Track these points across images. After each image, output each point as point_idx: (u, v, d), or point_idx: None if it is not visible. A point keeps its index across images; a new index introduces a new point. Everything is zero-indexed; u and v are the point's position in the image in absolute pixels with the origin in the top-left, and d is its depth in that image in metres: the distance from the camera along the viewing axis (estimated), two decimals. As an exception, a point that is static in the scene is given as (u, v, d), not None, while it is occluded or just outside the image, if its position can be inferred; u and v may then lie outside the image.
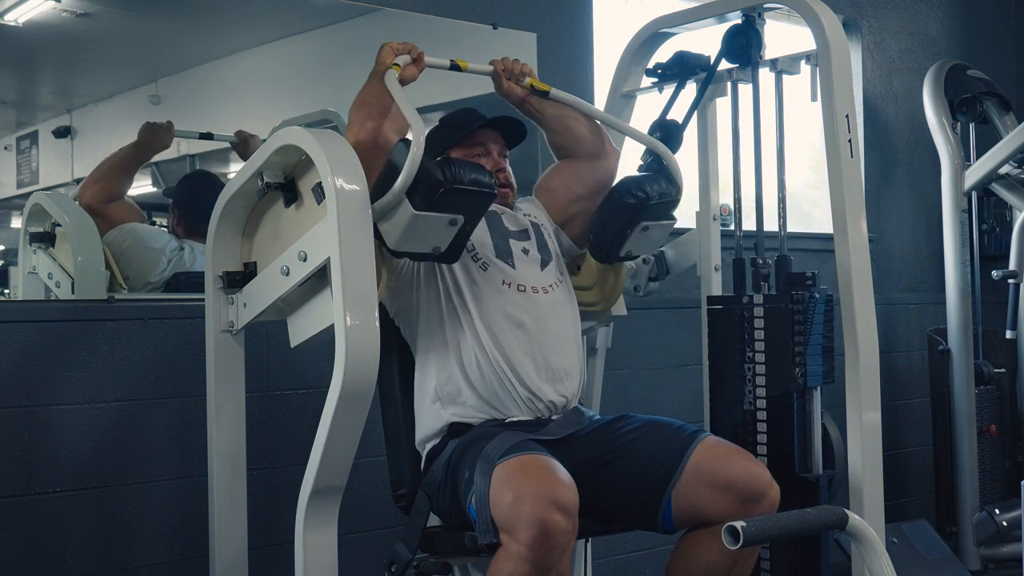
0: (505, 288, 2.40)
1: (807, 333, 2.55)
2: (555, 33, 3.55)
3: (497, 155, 2.54)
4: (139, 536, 2.72)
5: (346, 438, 2.08)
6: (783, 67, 2.74)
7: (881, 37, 4.63)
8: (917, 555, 3.89)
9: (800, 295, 2.57)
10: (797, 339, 2.55)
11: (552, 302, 2.45)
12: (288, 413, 2.94)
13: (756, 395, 2.59)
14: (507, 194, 2.55)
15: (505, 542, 2.06)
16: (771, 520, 1.77)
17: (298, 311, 2.29)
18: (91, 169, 2.85)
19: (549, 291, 2.45)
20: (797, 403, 2.57)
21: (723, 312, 2.70)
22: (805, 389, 2.57)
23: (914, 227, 4.69)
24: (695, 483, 2.27)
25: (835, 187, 2.55)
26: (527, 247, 2.48)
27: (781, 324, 2.57)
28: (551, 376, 2.39)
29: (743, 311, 2.65)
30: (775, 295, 2.64)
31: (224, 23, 3.08)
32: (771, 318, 2.59)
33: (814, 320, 2.55)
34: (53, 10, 2.73)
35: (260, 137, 3.03)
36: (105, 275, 2.76)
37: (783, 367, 2.56)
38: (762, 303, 2.62)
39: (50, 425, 2.60)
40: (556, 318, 2.44)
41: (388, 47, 2.30)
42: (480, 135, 2.52)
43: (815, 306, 2.56)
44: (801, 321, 2.55)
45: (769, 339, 2.59)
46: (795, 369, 2.55)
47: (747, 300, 2.66)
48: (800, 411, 2.56)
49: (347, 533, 2.30)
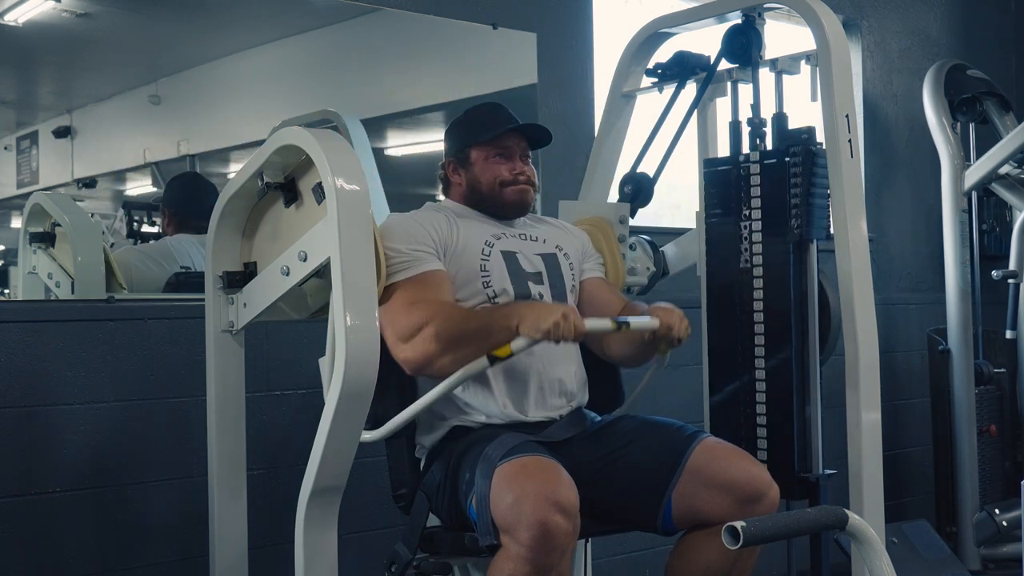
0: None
1: (807, 186, 2.53)
2: (555, 33, 3.55)
3: (519, 159, 2.50)
4: (139, 536, 2.72)
5: (346, 438, 2.08)
6: (783, 67, 2.74)
7: (881, 37, 4.63)
8: (917, 555, 3.89)
9: (797, 148, 2.56)
10: (793, 191, 2.54)
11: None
12: (288, 413, 2.94)
13: (752, 252, 2.59)
14: (526, 191, 2.50)
15: (505, 543, 2.06)
16: (771, 520, 1.77)
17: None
18: (91, 169, 2.85)
19: None
20: (794, 257, 2.55)
21: (720, 173, 2.70)
22: (802, 241, 2.56)
23: (914, 227, 4.69)
24: (695, 484, 2.27)
25: (835, 187, 2.56)
26: (542, 292, 2.44)
27: (777, 178, 2.57)
28: (553, 402, 2.40)
29: (740, 170, 2.65)
30: (771, 151, 2.64)
31: (224, 23, 3.08)
32: (768, 173, 2.59)
33: (816, 174, 2.54)
34: (53, 10, 2.73)
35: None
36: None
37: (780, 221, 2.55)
38: (759, 160, 2.62)
39: (50, 425, 2.60)
40: (563, 347, 2.41)
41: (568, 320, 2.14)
42: (504, 139, 2.48)
43: (812, 159, 2.54)
44: (798, 175, 2.54)
45: (765, 195, 2.59)
46: (792, 221, 2.53)
47: (744, 158, 2.66)
48: (797, 268, 2.55)
49: (347, 533, 2.30)
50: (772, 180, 2.59)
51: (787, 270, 2.56)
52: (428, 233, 2.38)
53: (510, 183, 2.47)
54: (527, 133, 2.52)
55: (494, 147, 2.48)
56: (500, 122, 2.48)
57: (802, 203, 2.53)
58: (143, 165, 3.04)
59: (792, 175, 2.55)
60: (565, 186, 3.35)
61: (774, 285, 2.58)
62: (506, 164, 2.48)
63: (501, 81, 3.49)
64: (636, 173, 2.89)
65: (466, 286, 2.38)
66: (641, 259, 2.92)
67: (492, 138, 2.47)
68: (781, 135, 2.68)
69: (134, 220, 2.99)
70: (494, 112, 2.53)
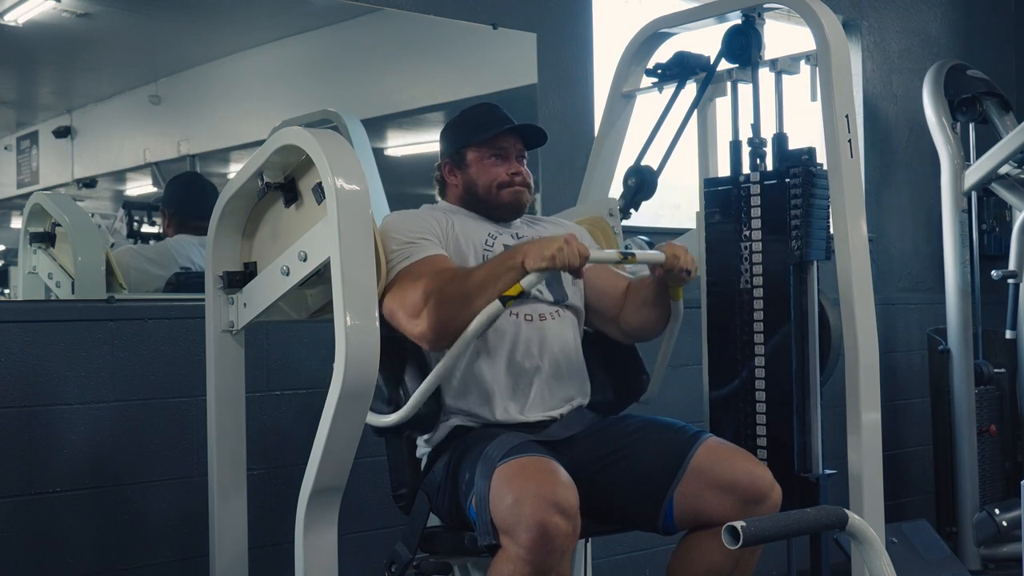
0: (513, 318, 2.38)
1: (807, 207, 2.53)
2: (555, 33, 3.55)
3: (515, 160, 2.50)
4: (139, 536, 2.72)
5: (346, 438, 2.08)
6: (783, 67, 2.74)
7: (881, 37, 4.63)
8: (917, 555, 3.89)
9: (798, 170, 2.56)
10: (794, 212, 2.54)
11: (559, 324, 2.44)
12: (288, 413, 2.94)
13: (753, 272, 2.58)
14: (522, 192, 2.50)
15: (505, 544, 2.05)
16: (771, 520, 1.76)
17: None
18: (91, 169, 2.85)
19: (556, 316, 2.45)
20: (794, 278, 2.55)
21: (720, 193, 2.69)
22: (802, 263, 2.56)
23: (914, 227, 4.69)
24: (697, 484, 2.27)
25: (835, 187, 2.55)
26: (541, 288, 2.42)
27: (778, 199, 2.56)
28: (553, 403, 2.40)
29: (740, 190, 2.64)
30: (772, 171, 2.63)
31: (224, 23, 3.08)
32: (768, 194, 2.58)
33: (815, 195, 2.54)
34: (53, 10, 2.73)
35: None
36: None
37: (781, 242, 2.55)
38: (759, 180, 2.62)
39: (50, 425, 2.60)
40: (560, 332, 2.43)
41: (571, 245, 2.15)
42: (500, 140, 2.48)
43: (814, 180, 2.54)
44: (799, 195, 2.54)
45: (766, 216, 2.58)
46: (792, 243, 2.53)
47: (744, 179, 2.66)
48: (797, 289, 2.54)
49: (347, 533, 2.29)
50: (772, 201, 2.59)
51: (787, 290, 2.56)
52: (429, 225, 2.39)
53: (506, 185, 2.47)
54: (523, 134, 2.52)
55: (490, 148, 2.48)
56: (496, 123, 2.48)
57: (802, 224, 2.53)
58: (143, 165, 3.04)
59: (792, 196, 2.55)
60: (565, 186, 3.35)
61: (774, 305, 2.57)
62: (502, 165, 2.48)
63: (501, 81, 3.50)
64: (640, 166, 2.89)
65: None
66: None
67: (488, 139, 2.47)
68: (781, 155, 2.67)
69: (134, 220, 2.99)
70: (490, 113, 2.53)
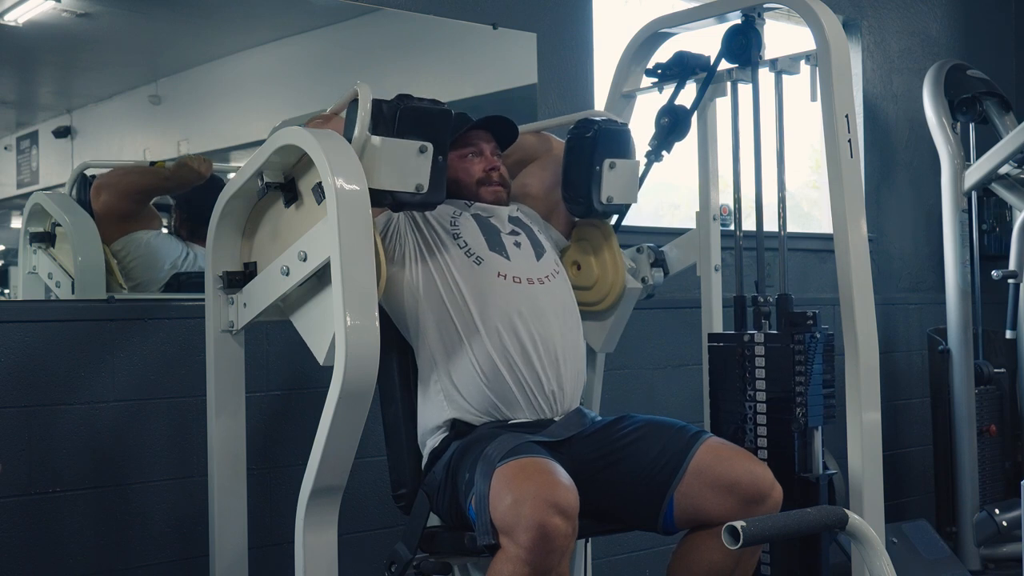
0: (501, 280, 2.40)
1: (808, 373, 2.54)
2: (555, 33, 3.55)
3: (490, 154, 2.57)
4: (139, 536, 2.72)
5: (346, 438, 2.08)
6: (783, 67, 2.74)
7: (881, 37, 4.63)
8: (917, 555, 3.89)
9: (802, 336, 2.55)
10: (798, 379, 2.54)
11: (549, 292, 2.45)
12: (288, 413, 2.94)
13: (757, 434, 2.59)
14: (501, 191, 2.58)
15: (504, 544, 2.05)
16: (771, 520, 1.77)
17: (310, 319, 2.25)
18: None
19: (546, 282, 2.46)
20: (799, 443, 2.56)
21: (724, 350, 2.68)
22: (806, 429, 2.56)
23: (914, 227, 4.69)
24: (698, 484, 2.27)
25: (835, 187, 2.55)
26: (519, 240, 2.50)
27: (783, 364, 2.56)
28: (552, 366, 2.38)
29: (744, 349, 2.63)
30: (776, 334, 2.61)
31: (224, 23, 3.08)
32: (772, 357, 2.58)
33: (815, 360, 2.55)
34: (53, 10, 2.73)
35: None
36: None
37: (785, 407, 2.55)
38: (763, 341, 2.60)
39: (50, 425, 2.60)
40: (554, 309, 2.44)
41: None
42: (471, 136, 2.56)
43: (816, 346, 2.55)
44: (803, 361, 2.54)
45: (770, 379, 2.57)
46: (796, 409, 2.54)
47: (748, 339, 2.64)
48: (801, 451, 2.55)
49: (347, 533, 2.29)
50: (776, 365, 2.57)
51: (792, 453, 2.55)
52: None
53: (485, 182, 2.55)
54: (493, 129, 2.59)
55: (464, 147, 2.55)
56: (463, 122, 2.55)
57: (806, 391, 2.54)
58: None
59: (797, 363, 2.54)
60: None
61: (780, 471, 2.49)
62: (479, 161, 2.56)
63: (501, 81, 3.50)
64: (674, 104, 2.85)
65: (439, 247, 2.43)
66: (642, 262, 2.92)
67: (459, 137, 2.52)
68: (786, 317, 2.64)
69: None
70: (456, 116, 2.57)
